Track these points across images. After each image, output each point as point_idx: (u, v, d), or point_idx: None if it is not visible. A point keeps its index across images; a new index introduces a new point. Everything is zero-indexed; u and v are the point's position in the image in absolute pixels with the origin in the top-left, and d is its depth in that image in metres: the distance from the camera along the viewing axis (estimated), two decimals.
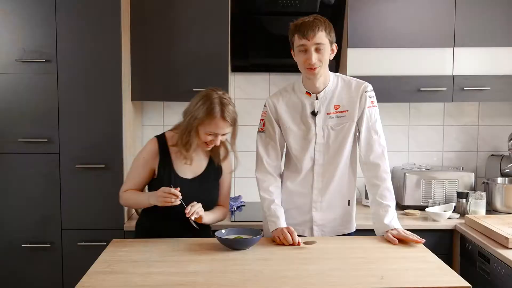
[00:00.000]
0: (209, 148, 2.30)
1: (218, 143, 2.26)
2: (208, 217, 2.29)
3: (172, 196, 2.13)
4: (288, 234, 2.17)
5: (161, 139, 2.35)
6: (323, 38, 2.19)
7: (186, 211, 2.14)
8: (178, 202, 2.14)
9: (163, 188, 2.16)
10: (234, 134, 2.32)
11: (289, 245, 2.15)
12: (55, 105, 2.83)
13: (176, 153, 2.30)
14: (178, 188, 2.16)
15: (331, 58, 2.28)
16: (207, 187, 2.35)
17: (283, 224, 2.25)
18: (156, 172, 2.31)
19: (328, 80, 2.33)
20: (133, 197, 2.32)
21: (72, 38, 2.81)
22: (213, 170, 2.38)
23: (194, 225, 2.21)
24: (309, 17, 2.24)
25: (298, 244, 2.15)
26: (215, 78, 3.03)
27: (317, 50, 2.20)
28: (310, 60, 2.20)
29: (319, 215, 2.38)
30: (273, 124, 2.38)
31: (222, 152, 2.39)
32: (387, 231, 2.23)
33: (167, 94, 3.07)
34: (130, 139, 3.05)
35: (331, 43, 2.24)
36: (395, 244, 2.15)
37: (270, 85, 3.44)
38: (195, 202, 2.20)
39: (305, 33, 2.18)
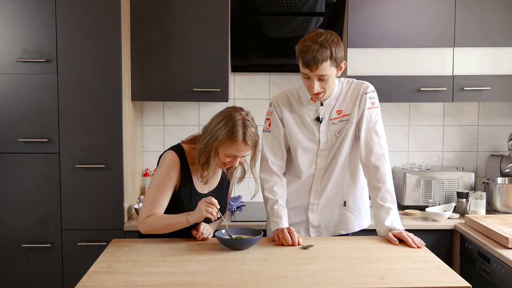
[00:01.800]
0: (226, 167, 2.25)
1: (236, 165, 2.20)
2: (214, 227, 2.31)
3: (213, 206, 2.06)
4: (288, 235, 2.16)
5: (179, 152, 2.22)
6: (327, 69, 2.12)
7: (198, 236, 2.16)
8: (218, 216, 2.09)
9: (205, 199, 2.08)
10: (254, 156, 2.22)
11: (288, 245, 2.15)
12: (55, 105, 2.83)
13: (194, 169, 2.22)
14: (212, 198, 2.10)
15: (339, 75, 2.24)
16: (221, 199, 2.27)
17: (285, 224, 2.25)
18: (178, 187, 2.21)
19: (333, 89, 2.30)
20: (163, 221, 2.15)
21: (72, 38, 2.81)
22: (225, 183, 2.36)
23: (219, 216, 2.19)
24: (314, 41, 2.11)
25: (298, 244, 2.15)
26: (215, 78, 3.03)
27: (321, 79, 2.16)
28: (313, 89, 2.18)
29: (315, 217, 2.38)
30: (278, 123, 2.36)
31: (239, 172, 2.34)
32: (389, 232, 2.22)
33: (167, 94, 3.08)
34: (130, 139, 3.05)
35: (337, 65, 2.17)
36: (396, 244, 2.15)
37: (270, 85, 3.44)
38: (203, 224, 2.20)
39: (307, 63, 2.12)
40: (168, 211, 2.20)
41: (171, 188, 2.19)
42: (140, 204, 3.06)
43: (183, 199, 2.20)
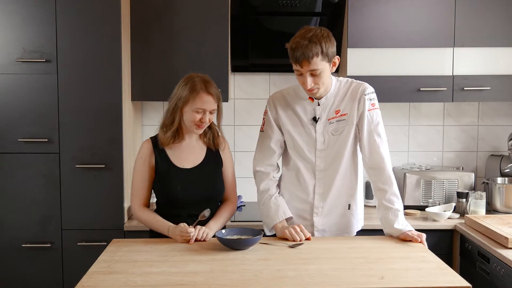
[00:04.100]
0: (202, 130, 2.30)
1: (207, 120, 2.26)
2: (216, 226, 2.30)
3: (188, 235, 2.16)
4: (300, 233, 2.21)
5: (154, 138, 2.37)
6: (318, 63, 2.12)
7: (190, 243, 2.16)
8: (193, 241, 2.18)
9: (181, 229, 2.17)
10: (219, 114, 2.34)
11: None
12: (55, 105, 2.83)
13: (170, 146, 2.33)
14: (192, 227, 2.18)
15: (333, 70, 2.24)
16: (208, 175, 2.35)
17: (275, 219, 2.31)
18: (154, 167, 2.32)
19: (329, 87, 2.29)
20: (152, 222, 2.29)
21: (72, 38, 2.81)
22: (213, 159, 2.38)
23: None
24: (303, 37, 2.12)
25: (309, 239, 2.22)
26: (215, 78, 3.00)
27: (313, 74, 2.16)
28: (306, 85, 2.18)
29: (320, 220, 2.37)
30: (271, 123, 2.38)
31: (214, 134, 2.40)
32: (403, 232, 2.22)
33: (167, 94, 3.05)
34: (130, 139, 3.05)
35: (329, 60, 2.17)
36: (417, 241, 2.16)
37: (270, 85, 3.44)
38: (198, 226, 2.21)
39: (298, 60, 2.13)
40: (154, 189, 2.37)
41: (148, 168, 2.33)
42: None
43: (162, 174, 2.31)
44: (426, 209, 2.98)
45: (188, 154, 2.34)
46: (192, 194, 2.28)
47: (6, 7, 2.78)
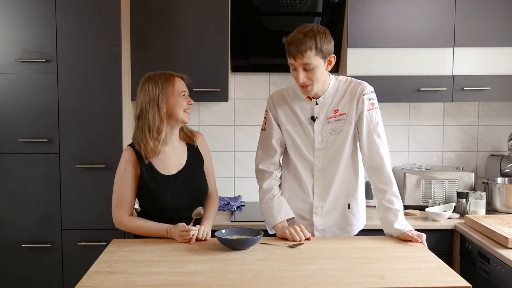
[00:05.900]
0: (189, 115, 2.30)
1: (191, 101, 2.31)
2: (210, 224, 2.32)
3: (188, 233, 2.15)
4: (300, 233, 2.20)
5: (134, 146, 2.30)
6: (311, 58, 2.12)
7: (191, 243, 2.16)
8: (194, 240, 2.17)
9: (180, 229, 2.17)
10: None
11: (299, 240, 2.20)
12: (55, 105, 2.83)
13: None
14: (191, 227, 2.19)
15: (329, 69, 2.23)
16: (194, 177, 2.34)
17: (278, 218, 2.31)
18: (140, 178, 2.28)
19: (327, 84, 2.29)
20: (147, 227, 2.25)
21: (72, 38, 2.81)
22: (195, 159, 2.38)
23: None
24: (300, 31, 2.14)
25: (309, 239, 2.22)
26: (215, 78, 3.03)
27: (306, 69, 2.16)
28: (298, 79, 2.18)
29: (320, 220, 2.37)
30: (272, 123, 2.38)
31: (184, 128, 2.39)
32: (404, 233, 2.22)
33: None
34: (130, 139, 3.04)
35: (324, 57, 2.16)
36: (417, 242, 2.16)
37: (270, 85, 3.44)
38: (194, 229, 2.19)
39: (292, 53, 2.14)
40: (140, 197, 2.33)
41: (132, 179, 2.28)
42: None
43: (149, 186, 2.27)
44: (426, 209, 2.98)
45: (173, 159, 2.32)
46: (182, 200, 2.29)
47: (6, 7, 2.79)
